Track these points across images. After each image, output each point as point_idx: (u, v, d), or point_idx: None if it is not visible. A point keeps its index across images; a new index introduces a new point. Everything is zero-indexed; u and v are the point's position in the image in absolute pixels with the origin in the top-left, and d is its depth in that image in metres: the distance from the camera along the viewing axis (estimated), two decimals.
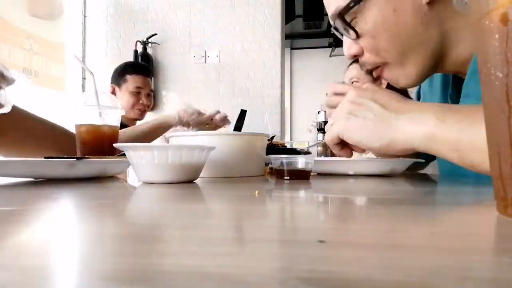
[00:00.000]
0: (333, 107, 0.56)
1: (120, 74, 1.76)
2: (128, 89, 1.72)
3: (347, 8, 0.55)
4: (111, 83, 1.79)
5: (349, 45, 0.59)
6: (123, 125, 1.62)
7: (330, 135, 0.53)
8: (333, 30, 0.60)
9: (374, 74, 0.61)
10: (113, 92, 1.76)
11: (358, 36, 0.57)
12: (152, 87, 1.84)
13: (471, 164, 0.41)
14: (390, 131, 0.45)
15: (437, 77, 0.73)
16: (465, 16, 0.53)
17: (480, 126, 0.38)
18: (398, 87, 0.61)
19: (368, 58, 0.59)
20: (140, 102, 1.74)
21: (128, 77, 1.73)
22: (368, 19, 0.55)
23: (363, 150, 0.55)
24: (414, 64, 0.57)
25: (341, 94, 0.55)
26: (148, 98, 1.77)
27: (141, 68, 1.79)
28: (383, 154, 0.72)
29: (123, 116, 1.72)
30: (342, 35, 0.60)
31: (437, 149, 0.43)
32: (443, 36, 0.55)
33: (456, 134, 0.40)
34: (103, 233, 0.21)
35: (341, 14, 0.55)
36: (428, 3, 0.53)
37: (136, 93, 1.73)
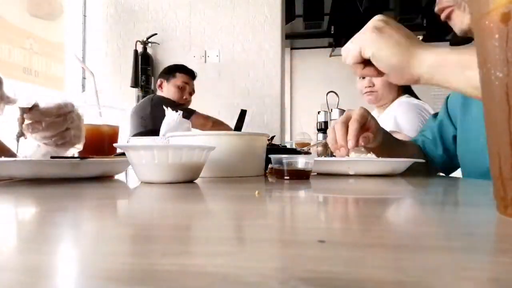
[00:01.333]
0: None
1: (171, 70, 2.02)
2: (176, 83, 1.97)
3: None
4: (159, 77, 2.03)
5: None
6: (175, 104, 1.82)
7: (352, 52, 0.53)
8: None
9: (442, 16, 0.65)
10: (160, 86, 2.00)
11: None
12: (194, 89, 2.08)
13: (477, 85, 0.42)
14: (409, 54, 0.48)
15: None
16: None
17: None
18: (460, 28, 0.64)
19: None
20: (184, 97, 1.99)
21: (178, 74, 2.00)
22: None
23: (381, 74, 0.55)
24: None
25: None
26: (189, 96, 2.03)
27: (190, 70, 2.06)
28: (380, 147, 0.73)
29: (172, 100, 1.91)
30: None
31: (445, 73, 0.45)
32: None
33: (466, 55, 0.43)
34: (103, 233, 0.21)
35: None
36: None
37: (182, 88, 1.98)
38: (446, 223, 0.24)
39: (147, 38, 2.47)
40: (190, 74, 2.05)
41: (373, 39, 0.51)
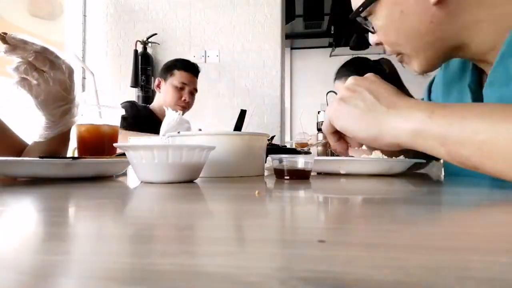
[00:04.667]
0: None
1: (168, 68, 1.79)
2: (173, 83, 1.74)
3: (363, 6, 0.58)
4: (158, 77, 1.83)
5: (371, 35, 0.63)
6: (158, 120, 1.63)
7: (325, 122, 0.53)
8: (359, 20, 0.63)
9: (397, 59, 0.64)
10: (158, 86, 1.80)
11: (374, 31, 0.61)
12: (197, 86, 1.84)
13: (460, 160, 0.40)
14: (378, 124, 0.45)
15: (454, 65, 0.72)
16: (483, 8, 0.53)
17: (467, 121, 0.38)
18: (415, 73, 0.63)
19: (386, 48, 0.63)
20: (183, 99, 1.75)
21: (176, 71, 1.76)
22: (379, 17, 0.58)
23: (360, 145, 0.55)
24: (427, 56, 0.59)
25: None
26: (190, 96, 1.78)
27: (190, 66, 1.80)
28: (375, 148, 0.71)
29: (160, 110, 1.72)
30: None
31: (424, 145, 0.42)
32: (460, 30, 0.55)
33: (443, 129, 0.40)
34: (102, 233, 0.21)
35: (358, 10, 0.59)
36: (435, 4, 0.53)
37: (180, 89, 1.75)
38: (446, 223, 0.24)
39: (147, 38, 2.47)
40: (191, 71, 1.80)
41: (338, 112, 0.49)
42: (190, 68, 1.80)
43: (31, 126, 0.67)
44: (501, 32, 0.53)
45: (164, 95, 1.78)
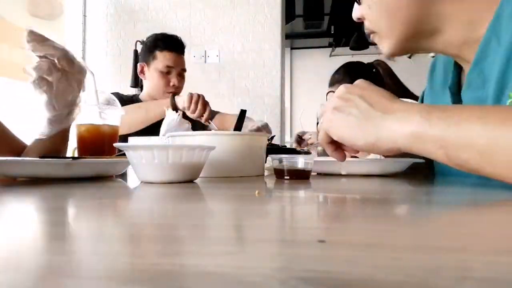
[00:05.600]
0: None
1: (149, 49, 1.51)
2: (158, 68, 1.47)
3: None
4: (140, 61, 1.57)
5: (354, 9, 0.64)
6: None
7: (321, 133, 0.53)
8: None
9: (370, 38, 0.65)
10: (142, 71, 1.54)
11: (359, 2, 0.62)
12: (185, 66, 1.56)
13: (459, 163, 0.40)
14: (375, 130, 0.44)
15: (439, 69, 0.72)
16: (452, 1, 0.55)
17: (466, 124, 0.38)
18: (384, 55, 0.65)
19: (366, 24, 0.63)
20: (171, 84, 1.48)
21: (158, 53, 1.48)
22: None
23: (356, 152, 0.54)
24: (399, 38, 0.60)
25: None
26: (179, 80, 1.50)
27: (173, 43, 1.51)
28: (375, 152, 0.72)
29: (150, 99, 1.50)
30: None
31: (423, 148, 0.42)
32: (434, 17, 0.57)
33: (441, 131, 0.39)
34: (102, 233, 0.21)
35: None
36: None
37: (166, 73, 1.47)
38: (445, 223, 0.24)
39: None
40: (176, 49, 1.49)
41: (334, 122, 0.48)
42: (174, 47, 1.50)
43: (29, 126, 0.67)
44: (470, 27, 0.54)
45: (149, 82, 1.51)
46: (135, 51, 2.47)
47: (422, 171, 0.81)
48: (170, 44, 1.50)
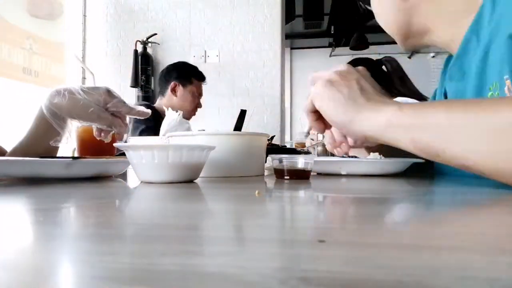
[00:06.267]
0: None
1: (187, 75, 1.92)
2: (193, 92, 1.93)
3: None
4: (173, 79, 1.91)
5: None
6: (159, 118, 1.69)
7: (308, 100, 0.54)
8: None
9: None
10: (174, 90, 1.90)
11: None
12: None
13: (421, 147, 0.42)
14: (353, 113, 0.47)
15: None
16: (437, 4, 0.63)
17: (432, 110, 0.41)
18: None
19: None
20: (197, 103, 1.97)
21: (195, 81, 1.94)
22: None
23: (330, 126, 0.56)
24: (400, 39, 0.70)
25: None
26: (199, 100, 2.00)
27: (203, 77, 2.00)
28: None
29: (160, 110, 1.80)
30: None
31: (393, 135, 0.44)
32: (424, 19, 0.65)
33: (410, 118, 0.42)
34: (102, 233, 0.21)
35: None
36: None
37: (197, 98, 1.96)
38: (445, 223, 0.24)
39: (147, 38, 2.47)
40: (204, 81, 2.02)
41: (322, 92, 0.50)
42: (203, 79, 2.00)
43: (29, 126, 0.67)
44: (457, 25, 0.61)
45: (181, 100, 1.90)
46: (135, 51, 2.48)
47: (422, 171, 0.81)
48: (203, 77, 2.00)
